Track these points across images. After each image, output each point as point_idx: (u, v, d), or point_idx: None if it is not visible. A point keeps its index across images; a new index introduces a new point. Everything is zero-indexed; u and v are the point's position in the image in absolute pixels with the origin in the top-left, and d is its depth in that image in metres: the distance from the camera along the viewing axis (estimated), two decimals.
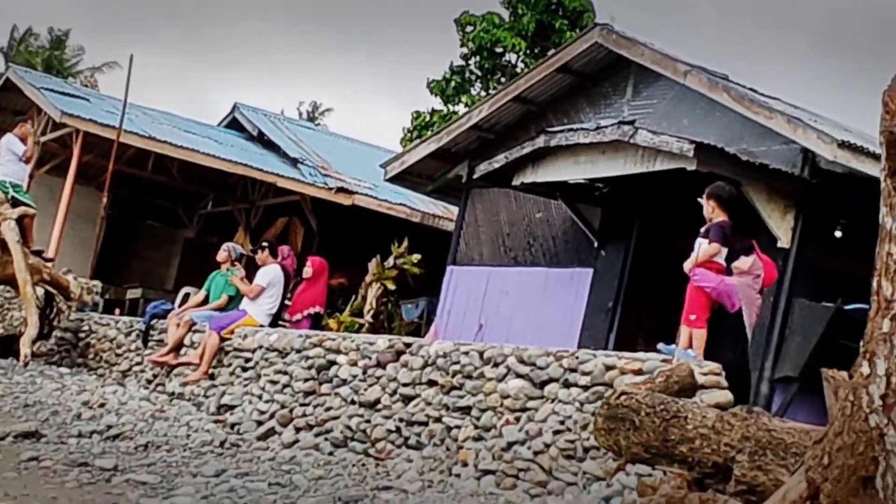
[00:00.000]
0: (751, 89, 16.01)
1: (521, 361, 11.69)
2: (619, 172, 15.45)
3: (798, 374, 14.02)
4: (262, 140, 29.18)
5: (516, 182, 17.30)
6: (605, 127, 15.20)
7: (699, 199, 12.15)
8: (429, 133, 26.73)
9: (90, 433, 13.01)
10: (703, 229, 12.01)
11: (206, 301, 18.13)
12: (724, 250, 11.86)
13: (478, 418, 11.85)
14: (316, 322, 18.48)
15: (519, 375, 11.64)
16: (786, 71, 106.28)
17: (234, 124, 30.75)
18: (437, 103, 38.22)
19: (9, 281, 19.36)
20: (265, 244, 18.44)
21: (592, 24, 19.02)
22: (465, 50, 37.39)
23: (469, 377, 12.21)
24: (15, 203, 19.42)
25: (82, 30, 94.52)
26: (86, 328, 20.09)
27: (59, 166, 26.86)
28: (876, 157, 10.83)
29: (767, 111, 14.75)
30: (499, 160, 17.23)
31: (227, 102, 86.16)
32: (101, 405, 14.82)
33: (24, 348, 17.85)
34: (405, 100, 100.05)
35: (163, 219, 31.54)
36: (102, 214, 24.98)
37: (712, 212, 11.99)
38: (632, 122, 15.12)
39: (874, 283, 2.88)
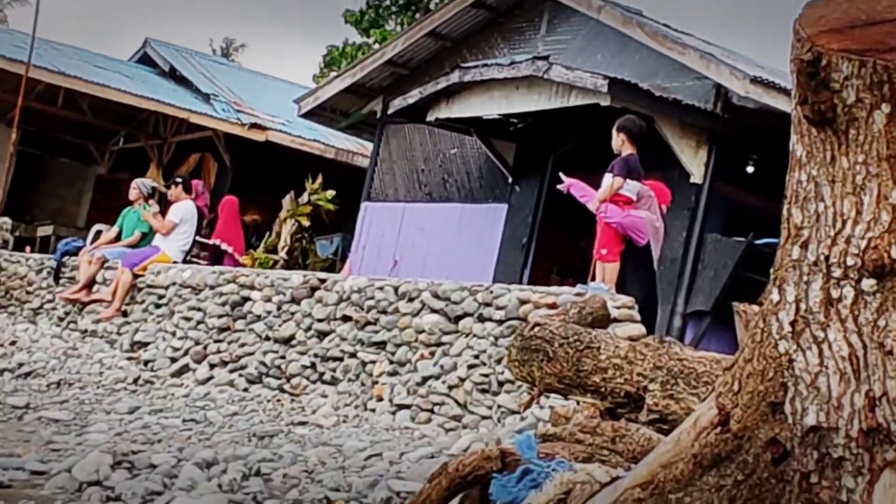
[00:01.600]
0: (665, 25, 16.06)
1: (436, 296, 11.71)
2: (533, 108, 15.47)
3: (710, 307, 14.17)
4: (175, 76, 28.86)
5: (431, 118, 17.26)
6: (520, 62, 15.19)
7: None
8: (343, 67, 26.55)
9: (1, 371, 12.89)
10: (610, 165, 12.05)
11: (118, 238, 17.94)
12: (633, 183, 11.90)
13: (393, 353, 11.88)
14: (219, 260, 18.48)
15: (434, 310, 11.66)
16: (700, 5, 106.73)
17: (145, 60, 30.37)
18: (353, 34, 37.99)
19: None
20: (178, 180, 18.27)
21: None
22: None
23: (384, 312, 12.22)
24: None
25: None
26: None
27: None
28: (787, 92, 10.93)
29: (681, 47, 14.81)
30: (413, 95, 17.17)
31: (138, 38, 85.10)
32: (13, 343, 14.67)
33: None
34: (320, 36, 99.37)
35: (74, 155, 31.11)
36: (11, 151, 24.62)
37: (622, 145, 12.02)
38: (546, 58, 15.12)
39: (784, 211, 2.91)
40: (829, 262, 2.81)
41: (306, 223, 22.65)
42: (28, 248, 23.23)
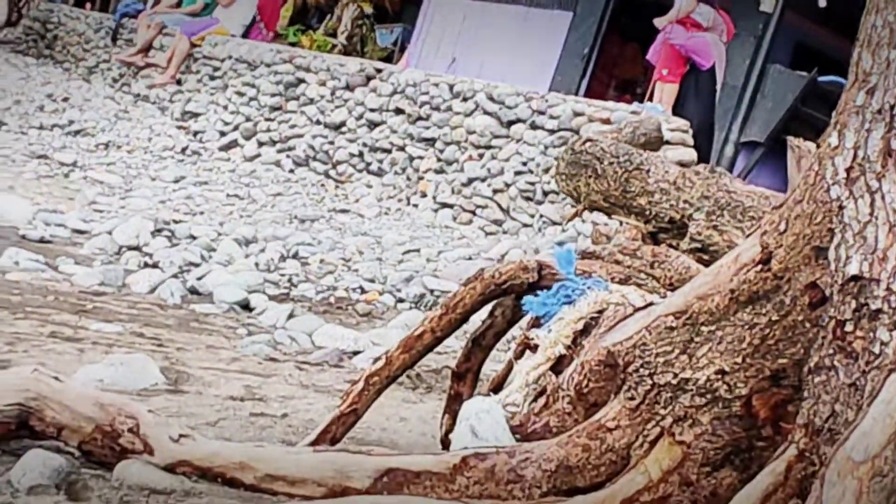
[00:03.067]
0: None
1: (491, 99, 11.64)
2: None
3: (764, 139, 14.02)
4: None
5: None
6: None
7: None
8: None
9: (52, 126, 12.96)
10: None
11: (179, 4, 17.83)
12: (706, 8, 11.69)
13: (441, 151, 11.85)
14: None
15: (487, 112, 11.60)
16: None
17: None
18: None
19: None
20: None
21: None
22: None
23: (437, 109, 12.16)
24: None
25: None
26: (55, 20, 19.80)
27: None
28: None
29: None
30: None
31: None
32: (65, 99, 14.72)
33: None
34: None
35: None
36: None
37: None
38: None
39: (854, 55, 2.83)
40: (894, 111, 2.74)
41: (368, 9, 22.38)
42: (88, 6, 23.13)
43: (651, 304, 3.39)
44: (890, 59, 2.75)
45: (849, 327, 2.78)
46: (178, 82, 15.93)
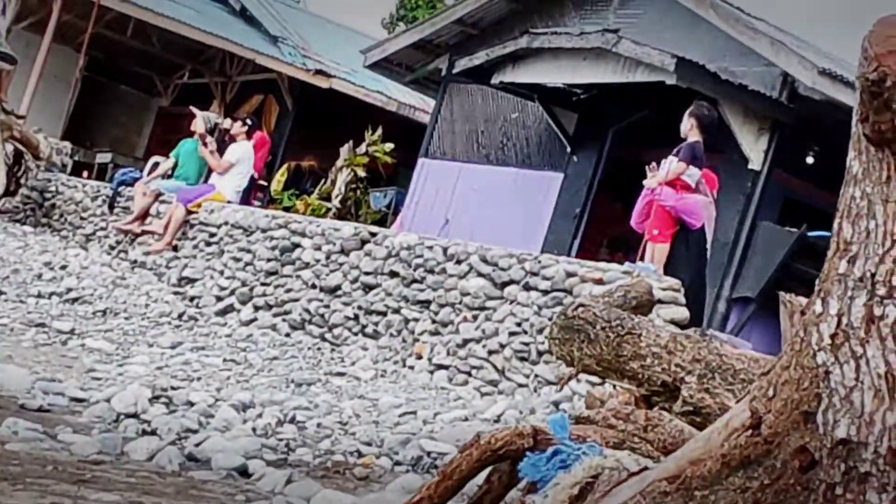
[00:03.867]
0: (738, 8, 15.94)
1: (484, 261, 11.76)
2: (598, 80, 15.45)
3: (756, 295, 14.15)
4: (245, 15, 28.89)
5: (496, 80, 17.26)
6: (589, 34, 15.15)
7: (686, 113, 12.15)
8: (412, 22, 26.55)
9: (49, 294, 13.06)
10: (676, 149, 12.03)
11: (174, 169, 18.07)
12: (695, 170, 11.89)
13: (436, 313, 11.94)
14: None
15: (480, 274, 11.71)
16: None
17: None
18: None
19: None
20: (249, 121, 18.33)
21: None
22: None
23: (431, 272, 12.28)
24: None
25: None
26: (53, 189, 20.04)
27: (38, 23, 26.52)
28: (855, 87, 10.89)
29: (752, 32, 14.72)
30: (480, 57, 17.16)
31: None
32: (63, 267, 14.84)
33: None
34: None
35: (138, 85, 31.27)
36: (78, 76, 24.81)
37: (690, 130, 11.99)
38: (616, 31, 15.06)
39: (835, 225, 2.93)
40: (875, 279, 2.83)
41: (362, 174, 22.69)
42: (86, 174, 23.42)
43: (645, 468, 3.44)
44: (869, 229, 2.84)
45: (839, 490, 2.84)
46: (175, 249, 16.09)
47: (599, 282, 10.29)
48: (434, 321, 11.90)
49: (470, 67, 17.52)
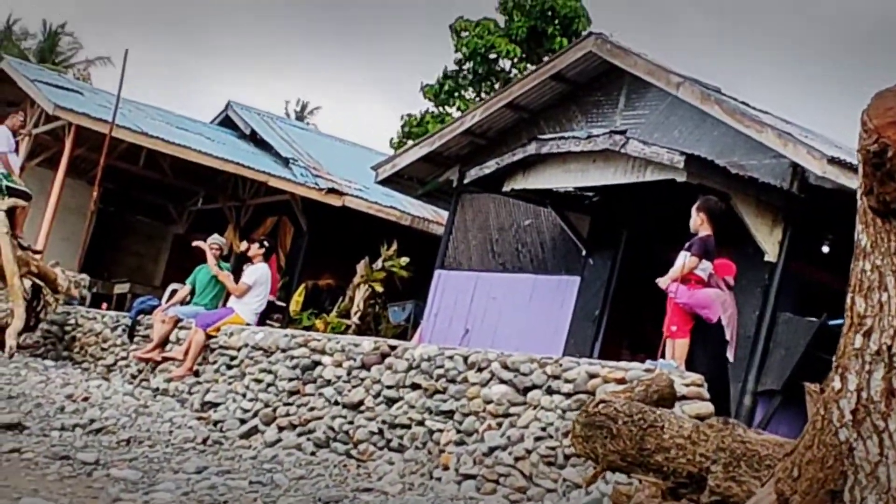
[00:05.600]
0: (743, 102, 16.06)
1: (505, 367, 11.72)
2: (609, 182, 15.50)
3: (781, 387, 14.07)
4: (255, 139, 29.19)
5: (506, 188, 17.35)
6: (597, 136, 15.23)
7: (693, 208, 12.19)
8: (421, 136, 26.76)
9: (73, 426, 13.01)
10: (687, 243, 12.06)
11: (191, 296, 18.13)
12: (707, 264, 11.90)
13: (460, 423, 11.88)
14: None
15: (502, 381, 11.67)
16: (776, 79, 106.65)
17: (227, 122, 30.75)
18: (430, 106, 38.36)
19: None
20: (266, 244, 18.40)
21: (587, 34, 19.04)
22: (459, 55, 37.51)
23: (453, 381, 12.23)
24: (11, 192, 19.46)
25: (76, 23, 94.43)
26: (72, 321, 20.11)
27: (51, 159, 26.78)
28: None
29: (758, 125, 14.80)
30: (490, 166, 17.26)
31: (219, 97, 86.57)
32: (85, 399, 14.82)
33: (10, 340, 17.88)
34: (395, 100, 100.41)
35: (152, 214, 31.54)
36: (92, 208, 24.99)
37: (700, 224, 12.03)
38: (623, 132, 15.15)
39: (848, 300, 2.93)
40: (892, 351, 2.82)
41: (380, 289, 22.76)
42: (104, 305, 23.51)
43: None
44: (882, 301, 2.84)
45: None
46: (196, 373, 16.09)
47: (622, 381, 10.25)
48: (459, 431, 11.84)
49: (480, 177, 17.63)
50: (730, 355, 12.35)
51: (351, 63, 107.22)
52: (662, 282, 12.00)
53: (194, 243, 18.89)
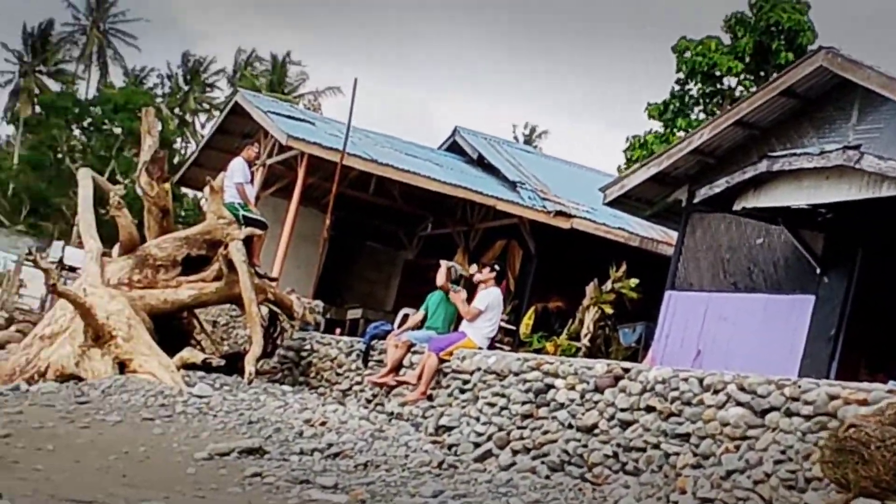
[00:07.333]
0: None
1: (742, 389, 11.53)
2: (843, 198, 15.17)
3: None
4: (482, 163, 29.42)
5: (737, 207, 17.13)
6: (830, 152, 14.93)
7: None
8: (645, 158, 26.63)
9: (311, 451, 13.27)
10: None
11: (424, 321, 18.34)
12: None
13: (696, 445, 11.73)
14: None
15: (739, 403, 11.48)
16: None
17: (454, 147, 31.08)
18: (656, 125, 38.22)
19: (235, 300, 19.96)
20: (497, 268, 18.47)
21: (817, 48, 18.68)
22: (681, 75, 37.33)
23: (688, 404, 12.09)
24: (248, 221, 20.04)
25: (300, 55, 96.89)
26: (308, 347, 20.54)
27: (285, 188, 27.44)
28: None
29: None
30: (720, 185, 17.07)
31: (445, 122, 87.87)
32: (323, 423, 15.09)
33: (249, 366, 18.36)
34: (618, 122, 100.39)
35: (383, 240, 32.04)
36: (325, 236, 25.50)
37: None
38: (857, 147, 14.81)
39: None
40: None
41: (609, 311, 22.65)
42: (338, 331, 23.93)
43: None
44: None
45: None
46: (430, 398, 16.26)
47: (864, 403, 9.96)
48: (695, 454, 11.69)
49: (710, 196, 17.44)
50: None
51: (574, 87, 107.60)
52: None
53: (441, 261, 18.95)
